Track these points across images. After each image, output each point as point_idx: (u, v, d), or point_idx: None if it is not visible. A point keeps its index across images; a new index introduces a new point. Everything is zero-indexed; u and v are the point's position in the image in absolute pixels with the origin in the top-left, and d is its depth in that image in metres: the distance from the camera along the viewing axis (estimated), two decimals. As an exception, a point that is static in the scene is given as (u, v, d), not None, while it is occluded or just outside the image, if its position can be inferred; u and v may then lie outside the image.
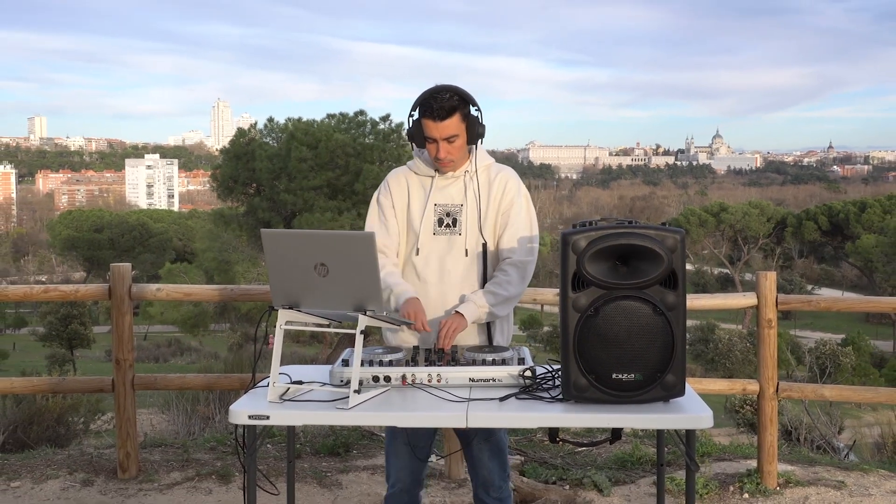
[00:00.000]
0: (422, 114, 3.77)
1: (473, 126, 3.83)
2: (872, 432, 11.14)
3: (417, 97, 3.80)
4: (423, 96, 3.77)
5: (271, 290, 3.38)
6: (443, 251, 3.89)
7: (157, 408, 11.12)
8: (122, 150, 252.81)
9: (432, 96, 3.75)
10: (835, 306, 6.77)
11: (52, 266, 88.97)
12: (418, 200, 3.92)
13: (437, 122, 3.74)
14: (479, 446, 3.89)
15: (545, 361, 3.76)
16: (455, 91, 3.77)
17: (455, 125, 3.77)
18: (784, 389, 6.09)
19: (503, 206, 3.94)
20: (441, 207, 3.91)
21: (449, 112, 3.73)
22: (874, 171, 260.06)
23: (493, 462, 3.93)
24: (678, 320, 3.19)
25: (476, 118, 3.84)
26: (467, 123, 3.81)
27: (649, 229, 3.21)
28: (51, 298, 6.92)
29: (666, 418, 3.19)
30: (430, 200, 3.90)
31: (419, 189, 3.94)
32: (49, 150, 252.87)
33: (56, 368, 36.23)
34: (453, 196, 3.92)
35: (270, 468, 6.05)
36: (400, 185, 3.97)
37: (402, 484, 3.93)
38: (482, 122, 3.86)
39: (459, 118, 3.77)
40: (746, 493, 5.84)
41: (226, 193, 39.15)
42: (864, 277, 64.09)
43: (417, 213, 3.91)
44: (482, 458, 3.91)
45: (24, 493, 5.81)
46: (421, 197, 3.92)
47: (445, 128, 3.75)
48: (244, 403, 3.32)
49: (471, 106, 3.82)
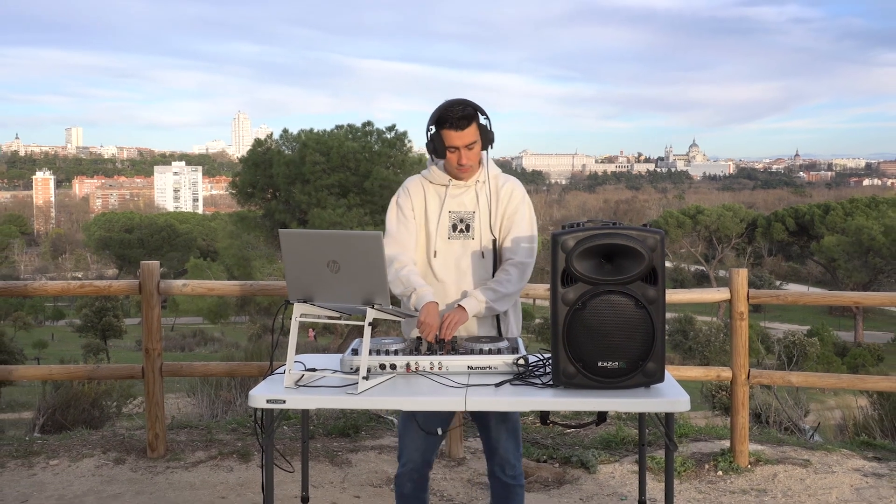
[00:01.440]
0: (441, 125, 3.78)
1: (486, 133, 3.86)
2: (835, 415, 11.14)
3: (434, 112, 3.80)
4: (441, 110, 3.78)
5: (287, 285, 3.38)
6: (458, 254, 3.90)
7: (183, 393, 11.14)
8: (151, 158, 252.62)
9: (450, 109, 3.76)
10: (801, 300, 6.77)
11: (88, 263, 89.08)
12: (434, 207, 3.92)
13: (459, 131, 3.76)
14: (497, 428, 3.89)
15: (537, 350, 3.76)
16: (468, 103, 3.79)
17: (473, 133, 3.79)
18: (755, 376, 6.09)
19: (509, 212, 3.96)
20: (455, 214, 3.92)
21: (468, 121, 3.76)
22: (837, 176, 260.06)
23: (510, 443, 3.92)
24: (658, 313, 3.19)
25: (486, 126, 3.87)
26: (481, 131, 3.84)
27: (632, 230, 3.21)
28: (86, 293, 6.92)
29: (647, 402, 3.19)
30: (444, 208, 3.91)
31: (434, 197, 3.94)
32: (84, 157, 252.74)
33: (91, 357, 36.26)
34: (466, 204, 3.93)
35: (286, 448, 6.05)
36: (417, 192, 3.95)
37: (413, 463, 3.93)
38: (491, 129, 3.89)
39: (476, 126, 3.80)
40: (720, 470, 5.84)
41: (245, 198, 39.19)
42: (827, 274, 64.04)
43: (433, 218, 3.91)
44: (500, 440, 3.91)
45: (62, 470, 5.81)
46: (436, 204, 3.92)
47: (466, 136, 3.77)
48: (262, 389, 3.32)
49: (481, 115, 3.84)
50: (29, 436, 6.81)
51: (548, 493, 5.54)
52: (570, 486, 5.66)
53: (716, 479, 5.73)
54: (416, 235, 3.93)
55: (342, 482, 5.64)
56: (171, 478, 5.68)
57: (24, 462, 5.92)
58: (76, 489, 5.49)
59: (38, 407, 8.26)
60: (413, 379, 3.42)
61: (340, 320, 3.45)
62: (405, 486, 3.97)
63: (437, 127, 3.80)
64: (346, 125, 37.72)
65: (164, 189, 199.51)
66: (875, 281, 55.02)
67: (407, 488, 3.97)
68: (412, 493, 3.98)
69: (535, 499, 5.41)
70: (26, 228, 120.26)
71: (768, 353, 23.36)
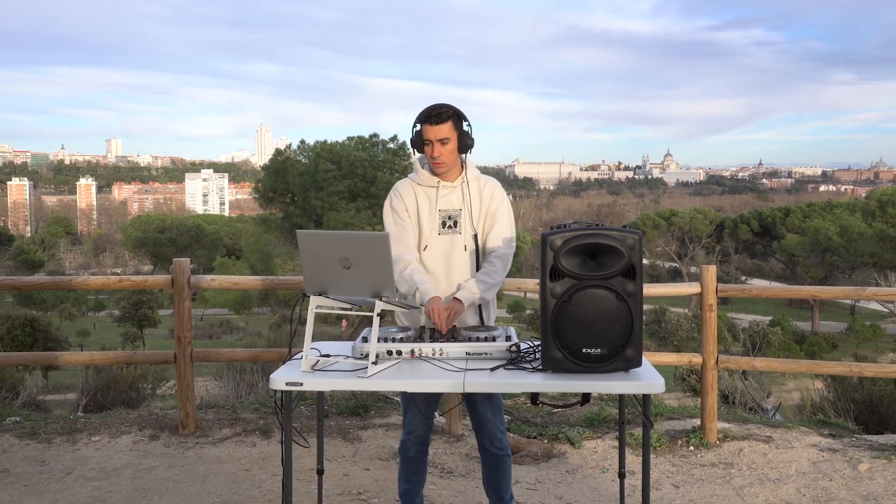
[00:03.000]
0: (422, 121, 3.81)
1: (464, 137, 3.86)
2: (794, 397, 11.14)
3: (422, 114, 3.83)
4: (424, 109, 3.81)
5: (304, 280, 3.38)
6: (447, 248, 3.91)
7: (211, 376, 11.12)
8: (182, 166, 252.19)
9: (430, 108, 3.80)
10: (764, 294, 6.77)
11: (125, 261, 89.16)
12: (425, 206, 3.92)
13: (433, 126, 3.78)
14: (483, 406, 3.92)
15: (528, 339, 3.76)
16: (450, 105, 3.82)
17: (448, 130, 3.78)
18: (722, 361, 6.09)
19: (491, 210, 3.97)
20: (444, 212, 3.92)
21: (443, 119, 3.77)
22: (796, 183, 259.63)
23: (496, 419, 3.97)
24: (636, 305, 3.19)
25: (467, 132, 3.87)
26: (459, 133, 3.83)
27: (613, 231, 3.20)
28: (124, 287, 6.91)
29: (626, 385, 3.19)
30: (436, 207, 3.91)
31: (425, 198, 3.93)
32: (123, 166, 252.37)
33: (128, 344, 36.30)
34: (453, 202, 3.94)
35: (303, 426, 6.05)
36: (408, 194, 3.95)
37: (417, 431, 3.99)
38: (471, 136, 3.89)
39: (452, 125, 3.79)
40: (692, 445, 5.84)
41: (266, 202, 39.25)
42: (788, 270, 63.98)
43: (426, 217, 3.91)
44: (486, 416, 3.95)
45: (103, 445, 5.81)
46: (427, 204, 3.92)
47: (439, 130, 3.77)
48: (282, 373, 3.31)
49: (463, 120, 3.85)
50: (73, 415, 6.81)
51: (537, 465, 5.54)
52: (557, 459, 5.66)
53: (688, 454, 5.73)
54: (412, 233, 3.94)
55: (353, 456, 5.64)
56: (200, 452, 5.68)
57: (69, 438, 5.92)
58: (115, 462, 5.49)
59: (82, 389, 8.27)
60: (417, 364, 3.42)
61: (352, 311, 3.45)
62: (410, 451, 4.03)
63: (419, 123, 3.82)
64: (356, 137, 37.84)
65: (193, 194, 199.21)
66: (830, 276, 55.08)
67: (412, 451, 4.03)
68: (416, 456, 4.05)
69: (526, 471, 5.41)
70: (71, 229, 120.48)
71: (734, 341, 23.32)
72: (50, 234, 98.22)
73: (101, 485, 5.09)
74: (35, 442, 5.84)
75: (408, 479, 4.09)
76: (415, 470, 4.09)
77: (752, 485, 5.15)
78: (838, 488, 5.08)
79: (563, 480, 5.28)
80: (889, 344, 39.29)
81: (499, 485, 4.06)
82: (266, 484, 5.11)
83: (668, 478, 5.32)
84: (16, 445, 5.78)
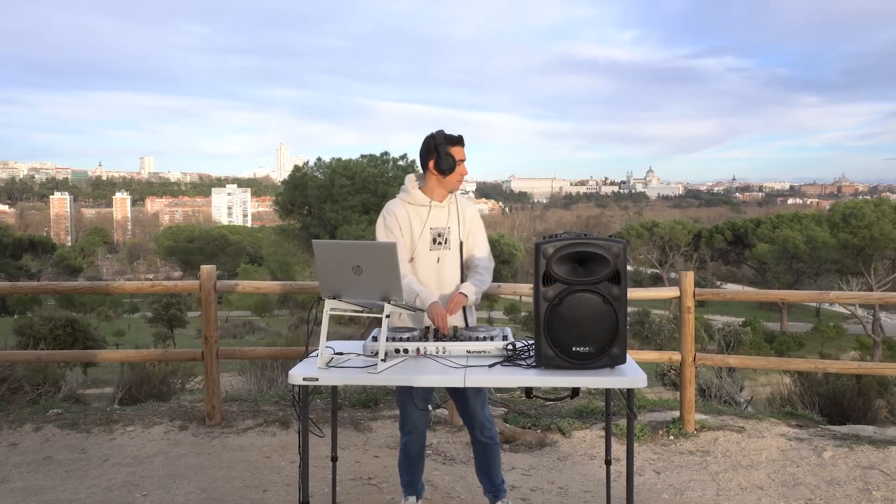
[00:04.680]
0: (452, 143, 3.85)
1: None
2: (765, 391, 11.10)
3: (436, 138, 3.83)
4: (443, 135, 3.83)
5: (320, 285, 3.39)
6: (437, 262, 3.92)
7: (235, 372, 11.10)
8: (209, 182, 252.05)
9: (450, 133, 3.85)
10: (737, 297, 6.77)
11: (157, 267, 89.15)
12: (418, 225, 3.90)
13: (462, 147, 3.89)
14: (473, 399, 3.93)
15: (523, 338, 3.76)
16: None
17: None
18: (699, 358, 6.09)
19: (473, 229, 4.02)
20: (434, 230, 3.93)
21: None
22: (766, 196, 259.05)
23: (484, 411, 3.98)
24: (621, 307, 3.20)
25: None
26: None
27: (600, 240, 3.21)
28: (156, 291, 6.92)
29: (612, 380, 3.20)
30: (426, 225, 3.92)
31: (416, 217, 3.91)
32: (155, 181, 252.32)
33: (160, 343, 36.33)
34: (441, 221, 3.94)
35: (319, 417, 6.05)
36: (401, 213, 3.91)
37: (418, 429, 3.99)
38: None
39: None
40: (672, 435, 5.83)
41: (286, 214, 39.26)
42: (758, 276, 63.85)
43: (417, 234, 3.90)
44: (477, 409, 3.96)
45: (136, 435, 5.81)
46: (419, 223, 3.91)
47: (464, 152, 3.90)
48: (300, 369, 3.32)
49: None
50: (110, 407, 6.80)
51: (531, 453, 5.53)
52: (549, 448, 5.65)
53: (668, 443, 5.72)
54: (404, 248, 3.90)
55: (364, 445, 5.64)
56: (225, 441, 5.68)
57: (106, 428, 5.92)
58: (148, 450, 5.49)
59: (117, 383, 8.26)
60: (422, 361, 3.43)
61: (363, 313, 3.46)
62: (412, 450, 4.02)
63: (449, 145, 3.83)
64: (368, 154, 37.85)
65: (219, 207, 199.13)
66: (798, 281, 54.96)
67: (414, 451, 4.02)
68: (418, 454, 4.04)
69: (522, 458, 5.40)
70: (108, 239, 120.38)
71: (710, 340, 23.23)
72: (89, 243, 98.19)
73: (135, 470, 5.09)
74: (75, 432, 5.84)
75: (410, 472, 4.09)
76: (416, 464, 4.08)
77: (726, 471, 5.15)
78: (805, 474, 5.08)
79: (554, 467, 5.28)
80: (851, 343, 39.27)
81: (490, 471, 4.06)
82: (285, 470, 5.11)
83: (651, 465, 5.31)
84: (58, 435, 5.78)
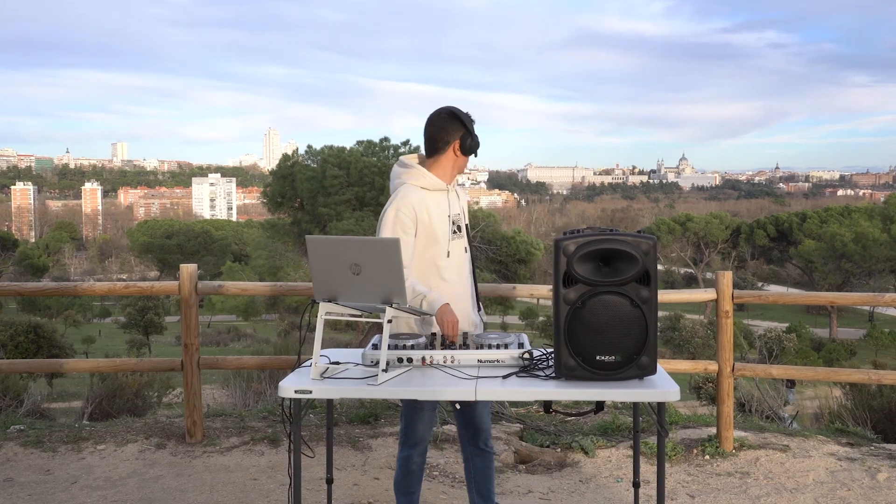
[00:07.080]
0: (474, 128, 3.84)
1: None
2: (812, 405, 11.09)
3: (463, 117, 3.79)
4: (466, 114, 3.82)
5: (314, 286, 3.38)
6: (458, 253, 3.89)
7: (218, 384, 11.16)
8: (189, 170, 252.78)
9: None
10: (780, 300, 6.75)
11: (131, 266, 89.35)
12: (439, 214, 3.80)
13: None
14: (482, 410, 3.97)
15: (541, 346, 3.76)
16: None
17: None
18: (738, 369, 6.08)
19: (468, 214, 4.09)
20: (452, 217, 3.90)
21: None
22: (813, 187, 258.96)
23: (489, 418, 4.06)
24: (651, 312, 3.19)
25: None
26: None
27: (627, 236, 3.20)
28: (130, 293, 6.94)
29: (641, 392, 3.19)
30: (448, 213, 3.87)
31: (435, 205, 3.80)
32: (129, 170, 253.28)
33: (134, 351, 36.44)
34: (455, 206, 3.92)
35: (312, 434, 6.06)
36: (420, 204, 3.75)
37: (423, 443, 3.99)
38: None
39: None
40: (707, 455, 5.82)
41: (275, 207, 39.28)
42: (805, 276, 63.81)
43: (440, 224, 3.80)
44: (484, 417, 3.99)
45: (108, 454, 5.83)
46: (439, 211, 3.81)
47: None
48: (291, 380, 3.32)
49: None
50: (78, 423, 6.83)
51: (550, 475, 5.53)
52: (570, 468, 5.65)
53: (703, 463, 5.72)
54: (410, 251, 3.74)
55: (363, 465, 5.65)
56: (207, 461, 5.70)
57: (74, 447, 5.94)
58: (121, 471, 5.51)
59: (87, 396, 8.30)
60: (428, 371, 3.42)
61: (362, 318, 3.45)
62: (414, 464, 3.99)
63: (473, 128, 3.84)
64: (365, 141, 37.83)
65: (201, 199, 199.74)
66: (847, 282, 54.91)
67: (415, 464, 3.99)
68: (419, 468, 4.02)
69: (539, 480, 5.40)
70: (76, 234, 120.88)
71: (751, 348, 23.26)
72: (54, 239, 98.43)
73: (106, 494, 5.11)
74: (39, 451, 5.86)
75: (410, 490, 4.02)
76: (416, 481, 4.04)
77: (768, 494, 5.14)
78: (857, 498, 5.06)
79: (576, 490, 5.28)
80: (908, 351, 39.13)
81: (490, 486, 4.09)
82: (275, 493, 5.12)
83: (684, 487, 5.30)
84: (20, 454, 5.80)
